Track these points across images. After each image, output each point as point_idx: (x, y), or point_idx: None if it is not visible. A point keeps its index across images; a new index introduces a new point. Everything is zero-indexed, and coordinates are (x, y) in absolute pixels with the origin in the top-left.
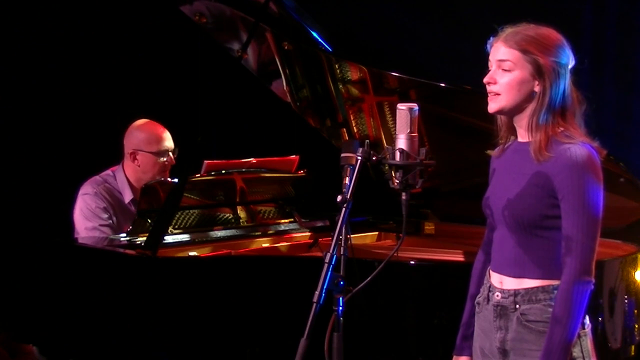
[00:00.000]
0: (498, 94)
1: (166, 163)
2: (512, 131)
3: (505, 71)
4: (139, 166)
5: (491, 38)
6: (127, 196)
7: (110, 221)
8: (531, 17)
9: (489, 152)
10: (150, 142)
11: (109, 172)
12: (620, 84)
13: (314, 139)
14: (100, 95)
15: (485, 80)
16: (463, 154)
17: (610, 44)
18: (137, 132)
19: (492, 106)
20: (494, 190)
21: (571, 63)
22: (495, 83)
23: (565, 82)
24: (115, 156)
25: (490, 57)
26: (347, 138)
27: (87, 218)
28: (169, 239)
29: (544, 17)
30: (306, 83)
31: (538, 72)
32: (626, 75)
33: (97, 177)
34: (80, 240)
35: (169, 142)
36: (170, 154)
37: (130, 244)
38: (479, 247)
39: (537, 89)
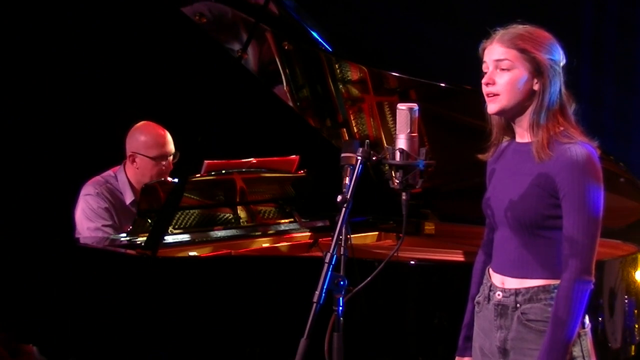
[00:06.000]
0: (497, 95)
1: (164, 168)
2: (506, 132)
3: (503, 70)
4: (137, 169)
5: (483, 42)
6: (128, 197)
7: (112, 221)
8: (532, 17)
9: (480, 156)
10: (149, 146)
11: (110, 172)
12: (620, 84)
13: (314, 139)
14: (101, 96)
15: (484, 81)
16: (463, 153)
17: (610, 44)
18: (137, 135)
19: (492, 107)
20: (494, 191)
21: (563, 61)
22: (494, 84)
23: (560, 80)
24: (116, 157)
25: (486, 59)
26: (347, 138)
27: (89, 219)
28: (169, 239)
29: (544, 17)
30: (306, 83)
31: (537, 70)
32: (626, 75)
33: (98, 178)
34: (81, 241)
35: (168, 147)
36: (170, 158)
37: (131, 244)
38: (479, 247)
39: (536, 87)
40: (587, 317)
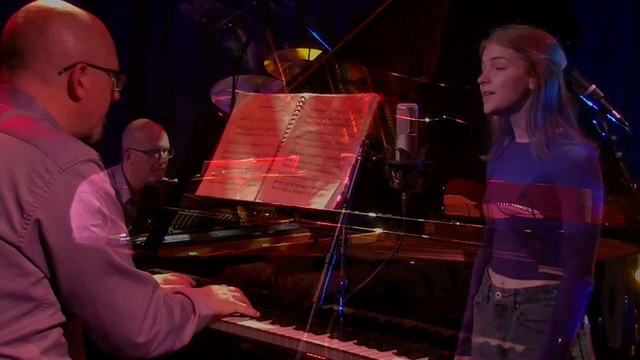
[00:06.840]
0: (493, 93)
1: (156, 162)
2: (506, 132)
3: (499, 70)
4: (132, 164)
5: (482, 41)
6: (125, 196)
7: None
8: (532, 16)
9: (482, 157)
10: (142, 140)
11: (108, 171)
12: (620, 84)
13: None
14: None
15: (479, 79)
16: (463, 153)
17: (610, 44)
18: (132, 131)
19: (488, 106)
20: (494, 191)
21: (564, 63)
22: (489, 82)
23: (560, 81)
24: (115, 156)
25: (484, 58)
26: (347, 138)
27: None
28: (169, 239)
29: (544, 17)
30: (306, 83)
31: (532, 68)
32: (626, 75)
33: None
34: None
35: (161, 141)
36: (163, 153)
37: (130, 244)
38: (479, 247)
39: (531, 86)
40: (586, 318)
